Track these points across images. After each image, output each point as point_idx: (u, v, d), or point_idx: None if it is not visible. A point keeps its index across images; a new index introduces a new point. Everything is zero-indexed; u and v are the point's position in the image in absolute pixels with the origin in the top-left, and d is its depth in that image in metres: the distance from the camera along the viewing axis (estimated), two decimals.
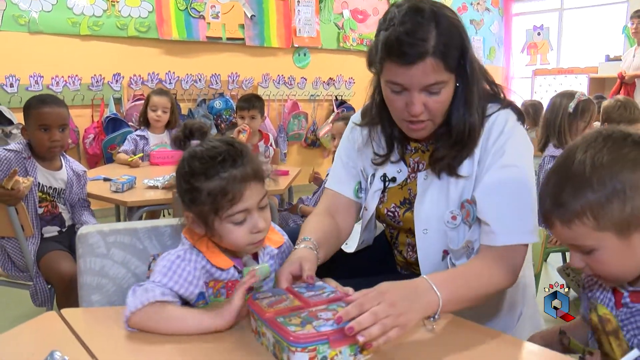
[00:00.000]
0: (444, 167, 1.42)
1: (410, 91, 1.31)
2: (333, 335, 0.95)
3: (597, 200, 0.97)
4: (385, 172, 1.54)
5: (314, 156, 6.62)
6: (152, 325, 1.10)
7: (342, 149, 1.66)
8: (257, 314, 1.05)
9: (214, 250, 1.23)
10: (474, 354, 1.06)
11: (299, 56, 6.53)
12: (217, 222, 1.18)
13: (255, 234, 1.20)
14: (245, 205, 1.17)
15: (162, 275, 1.16)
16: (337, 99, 6.85)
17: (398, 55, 1.27)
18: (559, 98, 3.11)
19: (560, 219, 1.01)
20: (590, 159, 0.99)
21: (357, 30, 6.97)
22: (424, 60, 1.26)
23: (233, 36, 5.91)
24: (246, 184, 1.17)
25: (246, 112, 3.91)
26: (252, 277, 1.15)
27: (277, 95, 6.37)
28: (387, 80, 1.34)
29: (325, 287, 1.16)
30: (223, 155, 1.17)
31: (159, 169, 3.34)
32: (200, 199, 1.16)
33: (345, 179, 1.62)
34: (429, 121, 1.37)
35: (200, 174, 1.17)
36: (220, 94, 5.86)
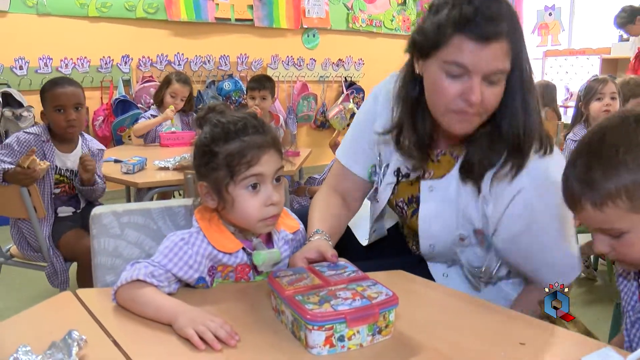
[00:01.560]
0: (476, 174, 1.32)
1: (472, 76, 1.20)
2: (351, 315, 0.94)
3: (633, 180, 0.94)
4: (400, 166, 1.47)
5: (323, 137, 6.57)
6: (127, 304, 1.10)
7: (360, 126, 1.56)
8: (277, 291, 1.04)
9: (223, 232, 1.23)
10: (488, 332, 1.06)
11: (308, 37, 6.48)
12: (231, 187, 1.17)
13: (269, 207, 1.19)
14: (261, 170, 1.17)
15: (163, 256, 1.16)
16: (347, 80, 6.80)
17: (474, 29, 1.16)
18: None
19: (592, 201, 0.98)
20: (623, 139, 0.96)
21: (367, 11, 6.90)
22: (498, 40, 1.17)
23: (242, 17, 5.86)
24: (265, 150, 1.18)
25: (257, 93, 3.89)
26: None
27: (287, 77, 6.33)
28: (448, 61, 1.21)
29: (347, 267, 1.15)
30: (244, 122, 1.19)
31: (170, 150, 3.34)
32: (216, 162, 1.17)
33: (358, 156, 1.55)
34: (477, 116, 1.26)
35: (220, 138, 1.18)
36: (229, 75, 5.84)
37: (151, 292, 1.10)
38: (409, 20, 7.33)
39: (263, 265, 1.22)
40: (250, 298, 1.17)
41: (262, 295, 1.16)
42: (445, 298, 1.24)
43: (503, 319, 1.14)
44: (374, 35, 7.05)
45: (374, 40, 7.03)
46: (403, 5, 7.28)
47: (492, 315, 1.17)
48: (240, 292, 1.20)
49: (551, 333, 1.08)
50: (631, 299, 1.13)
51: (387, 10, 7.11)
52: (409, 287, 1.27)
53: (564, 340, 1.05)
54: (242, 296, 1.18)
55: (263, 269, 1.23)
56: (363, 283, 1.05)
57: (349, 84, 6.78)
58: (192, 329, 0.98)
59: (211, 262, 1.22)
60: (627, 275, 1.14)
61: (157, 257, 1.17)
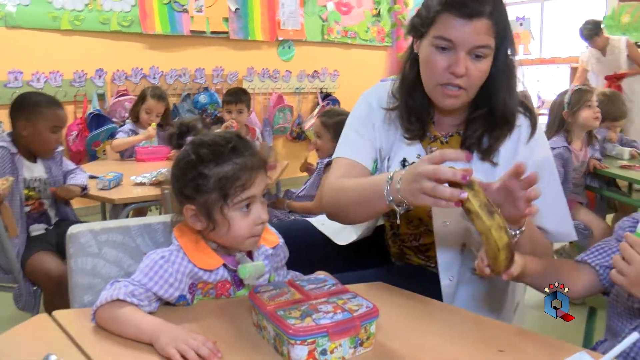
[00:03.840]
0: (480, 151, 1.44)
1: (458, 51, 1.33)
2: (332, 328, 0.95)
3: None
4: (406, 156, 1.52)
5: (299, 149, 6.59)
6: (107, 324, 1.09)
7: (360, 124, 1.58)
8: (258, 307, 1.04)
9: (204, 250, 1.22)
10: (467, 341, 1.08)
11: (284, 49, 6.50)
12: (225, 210, 1.17)
13: (258, 226, 1.20)
14: (254, 192, 1.18)
15: (144, 274, 1.15)
16: (322, 91, 6.83)
17: (459, 6, 1.30)
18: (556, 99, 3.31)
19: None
20: None
21: (342, 23, 6.96)
22: (480, 18, 1.30)
23: (217, 30, 5.87)
24: (256, 172, 1.19)
25: (233, 106, 3.89)
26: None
27: (262, 89, 6.34)
28: (436, 36, 1.34)
29: (327, 280, 1.15)
30: (234, 143, 1.18)
31: (146, 165, 3.32)
32: (207, 186, 1.16)
33: (363, 149, 1.55)
34: (463, 90, 1.37)
35: (210, 160, 1.16)
36: (205, 88, 5.82)
37: (131, 312, 1.09)
38: (383, 31, 7.40)
39: (249, 278, 1.22)
40: (231, 314, 1.16)
41: (243, 311, 1.16)
42: (425, 308, 1.25)
43: (483, 327, 1.16)
44: (349, 47, 7.10)
45: (349, 52, 7.08)
46: (377, 16, 7.35)
47: (471, 323, 1.19)
48: (222, 308, 1.20)
49: (530, 340, 1.10)
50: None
51: (361, 22, 7.17)
52: (389, 298, 1.28)
53: (542, 347, 1.07)
54: (223, 312, 1.18)
55: (249, 282, 1.23)
56: (343, 296, 1.06)
57: (325, 96, 6.80)
58: (173, 347, 0.98)
59: (192, 280, 1.21)
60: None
61: (137, 275, 1.15)
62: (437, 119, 1.52)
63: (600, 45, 5.92)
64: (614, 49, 5.89)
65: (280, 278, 1.34)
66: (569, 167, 3.10)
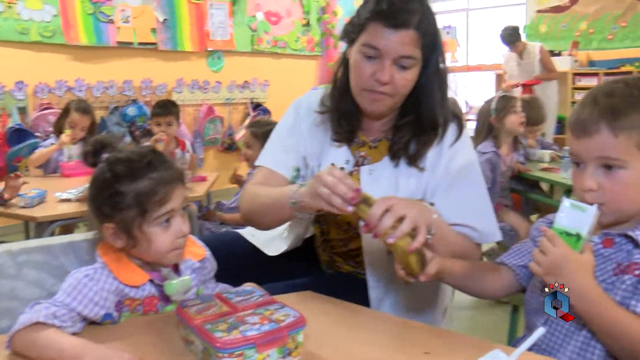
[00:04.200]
0: (407, 157, 1.48)
1: (384, 59, 1.37)
2: (260, 340, 0.95)
3: None
4: (333, 162, 1.52)
5: (231, 160, 6.54)
6: (25, 350, 1.04)
7: (285, 132, 1.63)
8: (185, 321, 1.03)
9: (129, 266, 1.20)
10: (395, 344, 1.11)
11: (213, 60, 6.45)
12: (144, 226, 1.15)
13: (179, 240, 1.19)
14: (172, 206, 1.17)
15: (67, 294, 1.12)
16: (253, 102, 6.80)
17: (387, 17, 1.34)
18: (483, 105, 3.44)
19: (612, 125, 1.06)
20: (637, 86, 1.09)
21: (271, 33, 6.97)
22: (407, 29, 1.35)
23: (145, 41, 5.76)
24: (174, 185, 1.18)
25: (162, 119, 3.82)
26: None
27: (192, 100, 6.26)
28: (364, 44, 1.38)
29: (255, 292, 1.15)
30: (149, 158, 1.17)
31: (72, 181, 3.21)
32: (124, 203, 1.14)
33: (283, 159, 1.59)
34: (389, 96, 1.41)
35: (126, 176, 1.15)
36: (133, 100, 5.70)
37: (53, 334, 1.05)
38: (313, 41, 7.46)
39: (176, 294, 1.20)
40: (158, 330, 1.15)
41: (170, 326, 1.14)
42: (353, 315, 1.27)
43: (410, 331, 1.19)
44: (279, 56, 7.12)
45: (279, 61, 7.10)
46: (307, 26, 7.40)
47: (399, 328, 1.22)
48: (149, 324, 1.18)
49: (455, 341, 1.14)
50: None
51: (291, 31, 7.21)
52: (317, 307, 1.29)
53: (467, 347, 1.10)
54: (151, 328, 1.16)
55: (176, 298, 1.22)
56: (270, 307, 1.06)
57: (255, 106, 6.78)
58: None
59: (118, 297, 1.19)
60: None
61: (59, 296, 1.12)
62: (365, 124, 1.56)
63: (519, 50, 6.23)
64: (530, 53, 6.23)
65: (208, 291, 1.33)
66: (497, 172, 3.21)
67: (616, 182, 1.09)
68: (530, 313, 1.26)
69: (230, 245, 1.71)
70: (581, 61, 7.53)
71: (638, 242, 1.10)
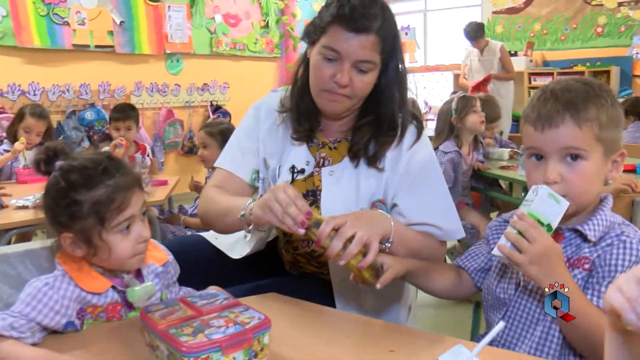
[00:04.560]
0: (366, 157, 1.49)
1: (343, 62, 1.39)
2: (225, 342, 0.95)
3: (606, 113, 1.12)
4: (294, 163, 1.55)
5: (191, 163, 6.48)
6: None
7: (244, 134, 1.64)
8: (150, 326, 1.03)
9: (90, 273, 1.18)
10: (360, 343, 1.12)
11: (172, 62, 6.39)
12: (104, 234, 1.13)
13: (140, 245, 1.18)
14: (132, 212, 1.16)
15: (25, 304, 1.09)
16: (213, 104, 6.77)
17: (348, 21, 1.36)
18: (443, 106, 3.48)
19: (575, 117, 1.11)
20: (593, 83, 1.16)
21: (230, 35, 6.94)
22: (367, 34, 1.37)
23: (102, 43, 5.67)
24: (131, 191, 1.16)
25: (121, 123, 3.76)
26: None
27: (151, 104, 6.19)
28: (325, 46, 1.40)
29: (219, 295, 1.15)
30: (104, 165, 1.15)
31: (28, 187, 3.14)
32: (82, 212, 1.12)
33: (242, 162, 1.61)
34: (347, 98, 1.44)
35: (81, 185, 1.12)
36: (91, 104, 5.61)
37: (10, 346, 1.03)
38: (272, 43, 7.45)
39: (139, 301, 1.19)
40: (123, 336, 1.14)
41: (135, 332, 1.13)
42: (317, 316, 1.28)
43: (374, 330, 1.21)
44: (238, 59, 7.09)
45: (238, 64, 7.07)
46: (266, 28, 7.39)
47: (363, 326, 1.24)
48: (112, 331, 1.17)
49: (419, 338, 1.16)
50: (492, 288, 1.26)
51: (250, 34, 7.19)
52: (282, 308, 1.29)
53: (431, 344, 1.12)
54: (115, 335, 1.15)
55: (139, 305, 1.20)
56: (235, 309, 1.06)
57: (215, 108, 6.75)
58: None
59: (79, 305, 1.17)
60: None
61: (17, 306, 1.09)
62: (324, 126, 1.57)
63: (481, 46, 6.35)
64: (490, 50, 6.35)
65: (172, 295, 1.32)
66: (459, 171, 3.26)
67: (577, 173, 1.13)
68: (487, 309, 1.30)
69: (193, 248, 1.70)
70: (536, 61, 7.72)
71: (586, 237, 1.15)
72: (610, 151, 1.15)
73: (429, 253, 1.46)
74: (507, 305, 1.22)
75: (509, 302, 1.22)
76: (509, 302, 1.22)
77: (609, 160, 1.16)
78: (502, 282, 1.25)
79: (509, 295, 1.22)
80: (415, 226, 1.45)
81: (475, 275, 1.35)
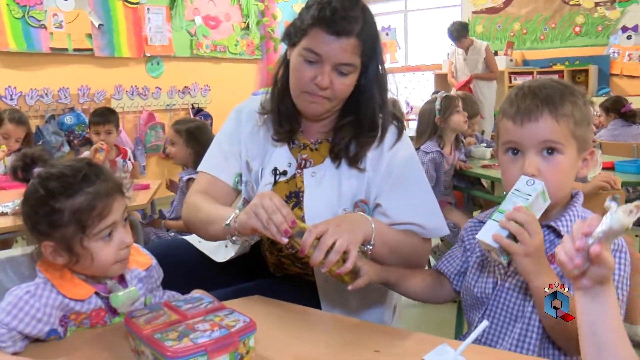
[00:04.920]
0: (347, 158, 1.50)
1: (324, 64, 1.39)
2: (211, 346, 0.95)
3: (580, 111, 1.16)
4: (276, 165, 1.55)
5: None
6: None
7: (226, 138, 1.63)
8: (134, 332, 1.02)
9: (72, 281, 1.17)
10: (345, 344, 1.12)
11: (152, 65, 6.34)
12: (85, 242, 1.12)
13: (123, 251, 1.17)
14: (113, 219, 1.14)
15: (6, 313, 1.08)
16: (194, 107, 6.74)
17: (330, 24, 1.36)
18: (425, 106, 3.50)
19: (553, 112, 1.15)
20: (565, 83, 1.20)
21: (210, 37, 6.91)
22: (348, 37, 1.37)
23: (80, 47, 5.62)
24: (112, 197, 1.14)
25: (101, 127, 3.71)
26: None
27: (132, 107, 6.14)
28: (306, 48, 1.40)
29: (203, 298, 1.15)
30: (84, 172, 1.13)
31: (7, 194, 3.09)
32: (62, 220, 1.10)
33: (224, 166, 1.61)
34: (327, 100, 1.44)
35: (61, 193, 1.10)
36: (70, 108, 5.54)
37: None
38: (253, 44, 7.44)
39: (122, 306, 1.18)
40: (107, 342, 1.13)
41: (119, 338, 1.12)
42: (302, 317, 1.28)
43: (359, 330, 1.21)
44: (219, 61, 7.06)
45: (219, 66, 7.05)
46: (246, 29, 7.37)
47: (348, 327, 1.24)
48: (97, 337, 1.16)
49: (404, 338, 1.16)
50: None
51: (230, 35, 7.17)
52: (267, 311, 1.29)
53: (416, 343, 1.13)
54: (99, 342, 1.14)
55: (122, 310, 1.19)
56: (220, 313, 1.06)
57: (197, 111, 6.71)
58: None
59: (62, 312, 1.15)
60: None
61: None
62: (305, 127, 1.58)
63: (465, 45, 6.38)
64: (475, 49, 6.39)
65: (156, 299, 1.31)
66: (441, 171, 3.28)
67: (554, 167, 1.15)
68: (467, 310, 1.32)
69: (177, 252, 1.69)
70: (516, 60, 7.80)
71: (560, 232, 1.17)
72: (582, 148, 1.19)
73: (412, 251, 1.47)
74: (486, 304, 1.24)
75: (487, 300, 1.24)
76: (487, 301, 1.24)
77: (580, 157, 1.20)
78: (479, 281, 1.27)
79: (487, 294, 1.24)
80: (399, 226, 1.46)
81: (454, 279, 1.37)
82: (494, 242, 1.11)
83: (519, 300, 1.19)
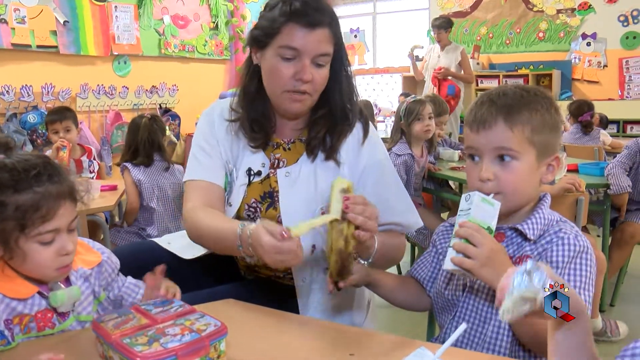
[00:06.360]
0: (324, 150, 1.51)
1: (303, 58, 1.40)
2: (181, 351, 0.94)
3: (540, 118, 1.18)
4: (250, 166, 1.54)
5: None
6: None
7: (205, 142, 1.59)
8: (103, 337, 1.00)
9: (12, 277, 1.12)
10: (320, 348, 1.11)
11: (119, 64, 6.25)
12: (21, 241, 1.08)
13: (63, 257, 1.12)
14: (57, 225, 1.10)
15: None
16: (162, 107, 6.66)
17: (303, 17, 1.38)
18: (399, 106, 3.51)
19: (508, 120, 1.17)
20: (530, 89, 1.21)
21: (179, 37, 6.85)
22: (323, 27, 1.40)
23: (44, 43, 5.49)
24: (61, 202, 1.11)
25: (59, 125, 3.56)
26: None
27: (98, 106, 6.04)
28: (282, 46, 1.40)
29: (174, 302, 1.13)
30: (38, 169, 1.09)
31: None
32: (4, 214, 1.06)
33: (215, 168, 1.56)
34: (308, 96, 1.45)
35: (9, 186, 1.07)
36: (33, 107, 5.42)
37: None
38: (221, 45, 7.39)
39: (63, 306, 1.14)
40: (74, 348, 1.09)
41: (87, 344, 1.09)
42: (275, 320, 1.27)
43: (333, 334, 1.20)
44: (187, 61, 7.00)
45: (187, 66, 6.98)
46: (215, 29, 7.33)
47: (322, 331, 1.23)
48: (63, 342, 1.12)
49: (378, 340, 1.16)
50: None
51: (199, 35, 7.11)
52: (239, 314, 1.28)
53: (390, 346, 1.13)
54: (65, 348, 1.09)
55: (63, 310, 1.15)
56: (191, 316, 1.05)
57: (165, 111, 6.63)
58: None
59: (5, 314, 1.10)
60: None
61: None
62: (278, 126, 1.57)
63: (443, 42, 6.40)
64: (451, 50, 6.41)
65: (115, 291, 1.29)
66: (411, 173, 3.29)
67: (509, 172, 1.18)
68: (438, 312, 1.33)
69: (146, 255, 1.65)
70: (483, 64, 7.91)
71: (526, 235, 1.19)
72: (544, 155, 1.20)
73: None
74: (457, 306, 1.25)
75: (458, 303, 1.25)
76: (458, 304, 1.25)
77: (542, 163, 1.21)
78: (449, 285, 1.29)
79: (457, 297, 1.26)
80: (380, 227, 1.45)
81: (427, 284, 1.39)
82: (455, 266, 1.12)
83: (490, 303, 1.20)
